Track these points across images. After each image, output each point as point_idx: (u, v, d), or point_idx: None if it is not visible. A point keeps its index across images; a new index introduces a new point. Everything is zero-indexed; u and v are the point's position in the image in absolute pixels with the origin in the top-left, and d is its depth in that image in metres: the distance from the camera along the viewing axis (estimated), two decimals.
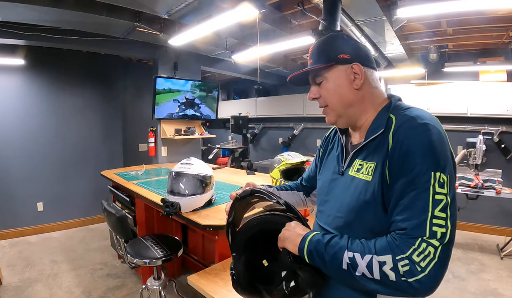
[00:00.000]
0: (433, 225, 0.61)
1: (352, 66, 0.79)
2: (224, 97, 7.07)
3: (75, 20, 2.72)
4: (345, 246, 0.68)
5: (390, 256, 0.61)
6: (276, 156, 2.45)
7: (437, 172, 0.64)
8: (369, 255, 0.64)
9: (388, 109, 0.78)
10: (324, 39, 0.86)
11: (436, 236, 0.60)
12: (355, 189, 0.76)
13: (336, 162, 0.88)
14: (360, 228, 0.74)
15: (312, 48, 0.86)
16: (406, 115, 0.72)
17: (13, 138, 3.68)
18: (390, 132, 0.72)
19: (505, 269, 2.98)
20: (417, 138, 0.66)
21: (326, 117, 0.87)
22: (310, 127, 5.57)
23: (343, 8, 2.31)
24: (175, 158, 3.90)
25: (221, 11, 2.26)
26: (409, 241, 0.61)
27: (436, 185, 0.63)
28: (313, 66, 0.82)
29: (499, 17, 2.88)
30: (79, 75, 4.14)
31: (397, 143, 0.68)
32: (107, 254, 3.32)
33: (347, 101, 0.80)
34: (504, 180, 3.30)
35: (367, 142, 0.77)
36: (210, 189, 1.92)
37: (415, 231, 0.61)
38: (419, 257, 0.60)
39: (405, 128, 0.69)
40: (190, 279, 1.47)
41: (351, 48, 0.81)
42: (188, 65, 4.14)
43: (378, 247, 0.64)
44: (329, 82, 0.81)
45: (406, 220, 0.63)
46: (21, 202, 3.76)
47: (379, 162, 0.72)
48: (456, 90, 3.96)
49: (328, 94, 0.82)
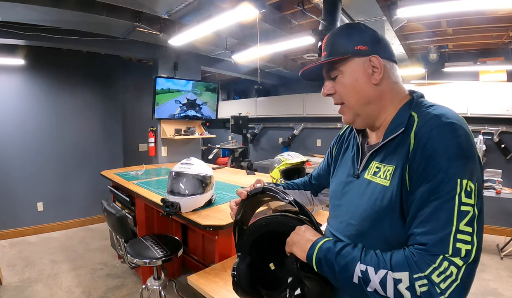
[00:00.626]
0: (457, 241, 0.54)
1: (370, 59, 0.71)
2: (224, 97, 7.07)
3: (75, 20, 2.72)
4: (358, 257, 0.61)
5: (407, 274, 0.55)
6: (276, 156, 2.45)
7: (464, 179, 0.56)
8: (384, 270, 0.57)
9: (409, 107, 0.70)
10: (340, 29, 0.78)
11: (460, 253, 0.53)
12: (371, 195, 0.69)
13: (351, 164, 0.81)
14: (375, 238, 0.67)
15: (326, 39, 0.78)
16: (429, 113, 0.64)
17: (13, 139, 3.68)
18: (411, 131, 0.64)
19: (505, 269, 2.98)
20: (442, 139, 0.59)
21: (343, 117, 0.79)
22: (310, 127, 5.57)
23: (343, 8, 2.31)
24: (175, 158, 3.90)
25: (221, 11, 2.26)
26: (429, 258, 0.54)
27: (463, 194, 0.55)
28: (328, 58, 0.75)
29: (499, 17, 2.88)
30: (79, 75, 4.14)
31: (419, 144, 0.61)
32: (107, 254, 3.32)
33: (365, 98, 0.73)
34: (504, 180, 3.30)
35: (386, 142, 0.70)
36: (210, 189, 1.92)
37: (437, 247, 0.54)
38: (439, 278, 0.53)
39: (428, 128, 0.61)
40: (190, 279, 1.47)
41: (369, 38, 0.73)
42: (188, 65, 4.14)
43: (394, 262, 0.57)
44: (345, 76, 0.73)
45: (427, 233, 0.56)
46: (21, 202, 3.76)
47: (399, 165, 0.64)
48: (456, 90, 3.96)
49: (344, 90, 0.74)
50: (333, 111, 4.93)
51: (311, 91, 5.21)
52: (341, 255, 0.63)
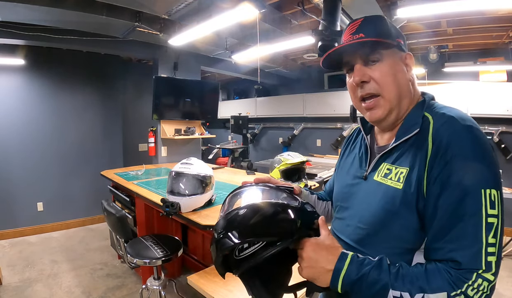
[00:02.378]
0: (488, 255, 0.54)
1: (406, 56, 0.69)
2: (224, 97, 7.07)
3: (75, 20, 2.72)
4: (388, 283, 0.57)
5: (446, 294, 0.54)
6: (276, 156, 2.45)
7: (488, 189, 0.55)
8: (421, 294, 0.55)
9: (422, 107, 0.68)
10: (378, 17, 0.72)
11: (491, 267, 0.54)
12: (381, 197, 0.66)
13: (359, 165, 0.78)
14: (385, 243, 0.65)
15: (360, 22, 0.70)
16: (445, 115, 0.63)
17: (13, 138, 3.68)
18: (429, 133, 0.62)
19: (505, 269, 2.98)
20: (465, 145, 0.57)
21: (373, 112, 0.70)
22: (310, 127, 5.57)
23: (343, 8, 2.31)
24: (175, 158, 3.90)
25: (221, 11, 2.26)
26: (465, 275, 0.54)
27: (488, 206, 0.55)
28: (373, 38, 0.66)
29: (499, 17, 2.88)
30: (79, 75, 4.14)
31: (440, 148, 0.59)
32: (107, 254, 3.32)
33: (403, 91, 0.68)
34: (504, 180, 3.29)
35: (399, 143, 0.67)
36: (210, 189, 1.92)
37: (471, 264, 0.54)
38: (472, 292, 0.53)
39: (448, 131, 0.59)
40: (190, 279, 1.48)
41: (403, 37, 0.72)
42: (188, 65, 4.14)
43: (432, 283, 0.55)
44: (385, 64, 0.67)
45: (459, 250, 0.55)
46: (21, 202, 3.76)
47: (414, 168, 0.62)
48: (456, 90, 3.96)
49: (385, 79, 0.66)
50: (333, 111, 4.93)
51: (311, 91, 5.21)
52: (368, 283, 0.58)
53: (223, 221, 0.65)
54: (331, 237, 0.65)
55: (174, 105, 3.93)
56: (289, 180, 2.27)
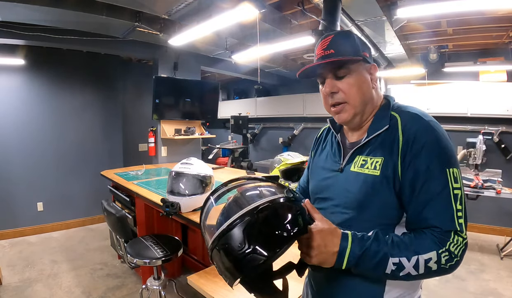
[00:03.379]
0: (458, 218, 0.68)
1: (371, 67, 0.82)
2: (224, 97, 7.07)
3: (75, 20, 2.72)
4: (387, 253, 0.68)
5: (435, 252, 0.66)
6: (276, 156, 2.45)
7: (451, 168, 0.69)
8: (415, 256, 0.67)
9: (388, 108, 0.81)
10: (346, 33, 0.84)
11: (462, 227, 0.68)
12: (362, 184, 0.76)
13: (332, 160, 0.88)
14: (369, 221, 0.75)
15: (330, 38, 0.81)
16: (410, 113, 0.76)
17: (13, 138, 3.68)
18: (398, 128, 0.74)
19: (505, 269, 2.98)
20: (429, 136, 0.71)
21: (340, 115, 0.82)
22: (310, 127, 5.57)
23: (343, 8, 2.31)
24: (175, 158, 3.90)
25: (221, 11, 2.26)
26: (446, 235, 0.67)
27: (453, 181, 0.69)
28: (338, 57, 0.78)
29: (499, 17, 2.88)
30: (79, 75, 4.14)
31: (409, 140, 0.72)
32: (107, 254, 3.32)
33: (366, 98, 0.80)
34: (504, 180, 3.29)
35: (371, 139, 0.78)
36: (210, 189, 1.92)
37: (448, 226, 0.68)
38: (454, 248, 0.67)
39: (415, 126, 0.73)
40: (190, 279, 1.47)
41: (368, 49, 0.84)
42: (188, 65, 4.14)
43: (423, 245, 0.67)
44: (353, 76, 0.78)
45: (437, 217, 0.68)
46: (21, 202, 3.76)
47: (389, 157, 0.73)
48: (456, 90, 3.96)
49: (351, 90, 0.79)
50: None
51: (311, 91, 5.21)
52: (370, 256, 0.68)
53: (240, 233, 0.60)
54: (325, 219, 0.72)
55: (174, 105, 3.93)
56: (289, 180, 2.27)
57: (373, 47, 3.32)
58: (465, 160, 3.60)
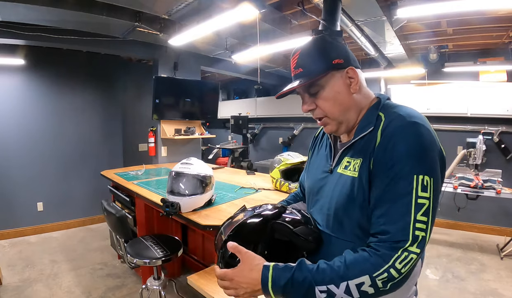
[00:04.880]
0: (416, 229, 0.62)
1: (347, 71, 0.76)
2: (224, 97, 7.07)
3: (75, 20, 2.72)
4: (312, 281, 0.64)
5: (368, 276, 0.61)
6: (276, 156, 2.44)
7: (421, 175, 0.63)
8: (344, 282, 0.62)
9: (377, 108, 0.77)
10: (313, 44, 0.79)
11: (417, 240, 0.61)
12: (342, 186, 0.75)
13: (325, 161, 0.88)
14: (349, 225, 0.74)
15: (297, 55, 0.79)
16: (395, 113, 0.72)
17: (13, 138, 3.68)
18: (379, 129, 0.71)
19: (505, 269, 2.98)
20: (405, 137, 0.66)
21: (326, 128, 0.82)
22: (310, 127, 5.57)
23: (343, 8, 2.31)
24: (175, 158, 3.90)
25: (221, 11, 2.26)
26: (394, 247, 0.62)
27: (419, 189, 0.63)
28: (307, 76, 0.76)
29: (499, 17, 2.88)
30: (79, 75, 4.14)
31: (384, 140, 0.68)
32: (107, 254, 3.32)
33: (346, 107, 0.78)
34: (504, 180, 3.29)
35: (356, 140, 0.77)
36: (210, 189, 1.92)
37: (399, 236, 0.62)
38: (401, 264, 0.61)
39: (393, 126, 0.69)
40: (190, 279, 1.48)
41: (342, 51, 0.78)
42: (188, 65, 4.14)
43: (354, 269, 0.63)
44: (326, 90, 0.76)
45: (390, 223, 0.64)
46: (21, 202, 3.76)
47: (366, 158, 0.71)
48: (456, 90, 3.96)
49: (326, 104, 0.77)
50: None
51: None
52: (295, 285, 0.65)
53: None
54: (247, 256, 0.70)
55: (174, 105, 3.93)
56: (289, 180, 2.27)
57: (373, 47, 3.32)
58: (465, 160, 3.60)
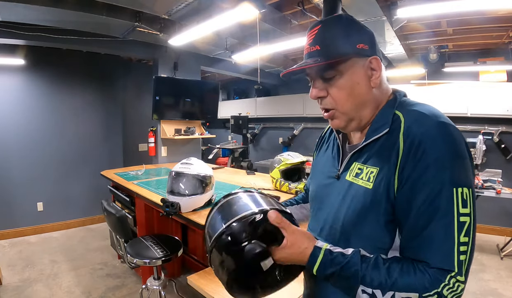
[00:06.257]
0: (460, 254, 0.54)
1: (370, 61, 0.65)
2: (224, 97, 7.07)
3: (75, 20, 2.72)
4: (358, 280, 0.58)
5: (417, 295, 0.54)
6: (276, 156, 2.44)
7: (460, 187, 0.55)
8: (392, 292, 0.55)
9: (393, 106, 0.66)
10: (336, 21, 0.67)
11: (462, 267, 0.54)
12: (353, 197, 0.65)
13: (331, 164, 0.77)
14: (357, 242, 0.64)
15: (316, 30, 0.67)
16: (416, 112, 0.61)
17: (13, 138, 3.68)
18: (400, 132, 0.60)
19: (505, 269, 2.98)
20: (436, 142, 0.56)
21: (333, 122, 0.70)
22: (310, 127, 5.57)
23: (343, 8, 2.31)
24: (175, 158, 3.90)
25: (221, 11, 2.26)
26: (439, 276, 0.54)
27: (460, 205, 0.54)
28: (324, 56, 0.64)
29: (499, 17, 2.88)
30: (79, 75, 4.14)
31: (410, 148, 0.57)
32: (107, 254, 3.32)
33: (362, 102, 0.66)
34: (504, 180, 3.30)
35: (368, 143, 0.66)
36: (210, 189, 1.92)
37: (444, 264, 0.54)
38: (448, 291, 0.54)
39: (419, 129, 0.58)
40: (190, 279, 1.48)
41: (368, 36, 0.66)
42: (188, 65, 4.14)
43: (402, 282, 0.55)
44: (344, 78, 0.64)
45: (431, 251, 0.55)
46: (21, 202, 3.76)
47: (384, 168, 0.61)
48: (456, 90, 3.96)
49: (340, 94, 0.65)
50: None
51: None
52: (340, 277, 0.61)
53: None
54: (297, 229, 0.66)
55: (174, 105, 3.93)
56: (289, 180, 2.27)
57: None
58: None
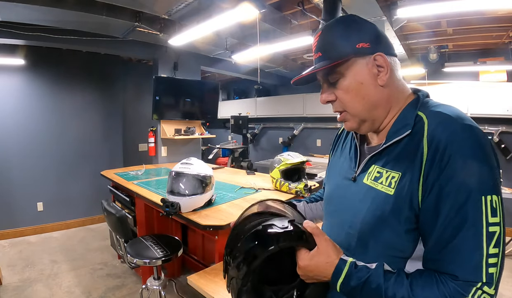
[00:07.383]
0: (489, 267, 0.51)
1: (374, 58, 0.63)
2: (224, 97, 7.07)
3: (75, 20, 2.72)
4: (381, 294, 0.56)
5: None
6: (276, 156, 2.44)
7: (489, 195, 0.51)
8: None
9: (415, 106, 0.63)
10: (335, 25, 0.67)
11: (492, 279, 0.52)
12: (372, 202, 0.62)
13: (348, 165, 0.74)
14: (375, 250, 0.62)
15: (318, 37, 0.68)
16: (441, 114, 0.58)
17: (13, 138, 3.68)
18: (423, 135, 0.57)
19: (505, 269, 2.95)
20: (463, 147, 0.53)
21: (345, 124, 0.70)
22: (310, 127, 5.57)
23: (343, 8, 2.31)
24: (175, 158, 3.90)
25: (221, 11, 2.26)
26: (465, 289, 0.51)
27: (489, 214, 0.51)
28: (324, 61, 0.65)
29: (499, 17, 2.88)
30: (79, 75, 4.14)
31: (435, 153, 0.54)
32: (107, 254, 3.32)
33: (371, 102, 0.64)
34: (504, 180, 3.30)
35: (389, 145, 0.63)
36: (210, 189, 1.92)
37: (471, 276, 0.51)
38: None
39: (445, 132, 0.54)
40: (190, 279, 1.47)
41: (370, 33, 0.65)
42: (188, 65, 4.14)
43: (424, 296, 0.53)
44: (347, 80, 0.64)
45: (457, 263, 0.52)
46: (21, 202, 3.76)
47: (407, 173, 0.58)
48: (456, 90, 3.95)
49: (346, 97, 0.65)
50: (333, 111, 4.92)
51: (311, 91, 5.21)
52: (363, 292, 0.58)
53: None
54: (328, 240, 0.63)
55: (174, 105, 3.93)
56: (289, 180, 2.27)
57: None
58: None
